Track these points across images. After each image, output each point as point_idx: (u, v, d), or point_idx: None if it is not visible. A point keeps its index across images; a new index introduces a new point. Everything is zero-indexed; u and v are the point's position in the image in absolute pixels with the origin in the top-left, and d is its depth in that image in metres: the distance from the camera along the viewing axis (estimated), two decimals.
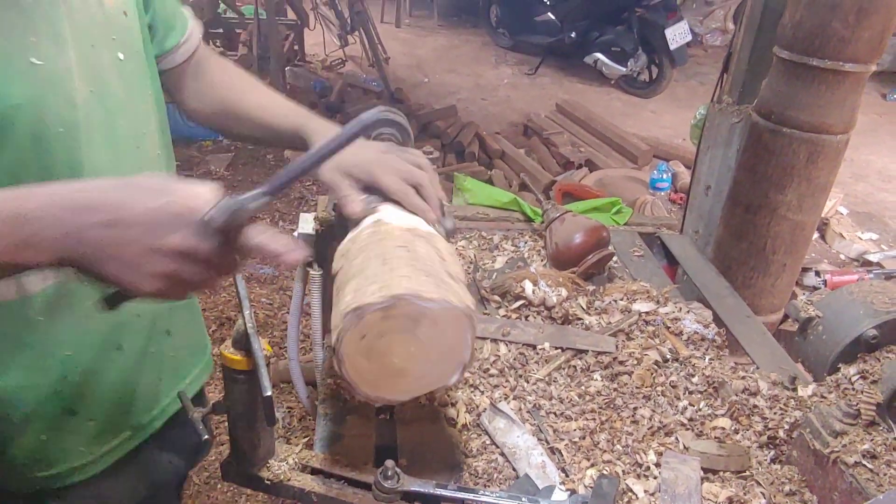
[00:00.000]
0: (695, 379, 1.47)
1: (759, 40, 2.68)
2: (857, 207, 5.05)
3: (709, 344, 1.59)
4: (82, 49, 0.94)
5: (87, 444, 1.12)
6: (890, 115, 7.34)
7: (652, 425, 1.34)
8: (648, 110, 7.19)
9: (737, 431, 1.33)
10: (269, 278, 3.89)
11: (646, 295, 1.72)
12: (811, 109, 2.21)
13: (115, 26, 1.00)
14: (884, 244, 4.43)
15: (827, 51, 2.12)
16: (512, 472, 1.23)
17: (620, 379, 1.46)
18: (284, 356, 3.12)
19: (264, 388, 0.94)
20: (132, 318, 1.11)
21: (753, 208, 2.41)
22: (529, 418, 1.35)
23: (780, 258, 2.47)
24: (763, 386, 1.42)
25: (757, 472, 1.22)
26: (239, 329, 1.05)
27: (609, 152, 5.67)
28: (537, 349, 1.54)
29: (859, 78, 2.19)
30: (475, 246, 2.02)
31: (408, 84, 7.18)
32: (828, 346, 1.29)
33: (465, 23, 10.19)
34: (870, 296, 1.27)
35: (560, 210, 1.94)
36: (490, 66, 8.41)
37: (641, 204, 4.55)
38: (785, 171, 2.31)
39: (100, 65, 0.97)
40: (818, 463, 1.13)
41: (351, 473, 1.16)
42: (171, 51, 1.19)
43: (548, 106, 6.77)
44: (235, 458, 1.17)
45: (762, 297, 2.54)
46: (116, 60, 1.00)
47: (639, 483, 1.20)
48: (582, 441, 1.29)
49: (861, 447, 1.07)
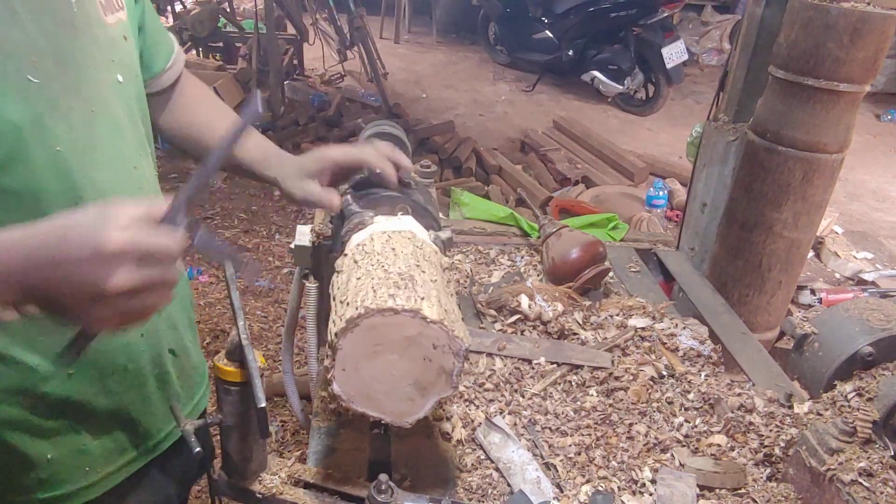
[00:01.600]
0: (690, 395, 1.46)
1: (755, 60, 2.70)
2: (853, 227, 5.07)
3: (704, 360, 1.59)
4: (84, 70, 0.94)
5: (93, 463, 1.10)
6: (884, 135, 7.40)
7: (647, 441, 1.33)
8: (645, 128, 7.23)
9: (732, 448, 1.33)
10: (264, 291, 3.88)
11: (642, 311, 1.72)
12: (806, 128, 2.23)
13: (116, 49, 1.01)
14: (878, 263, 4.44)
15: (822, 71, 2.14)
16: (507, 487, 1.22)
17: (616, 395, 1.45)
18: (279, 369, 3.11)
19: (258, 400, 0.93)
20: (136, 338, 1.10)
21: (749, 226, 2.42)
22: (525, 433, 1.35)
23: (776, 276, 2.47)
24: (759, 403, 1.42)
25: (753, 489, 1.22)
26: (233, 341, 1.04)
27: (605, 169, 5.69)
28: (533, 364, 1.53)
29: (854, 98, 2.21)
30: (472, 260, 2.01)
31: (406, 99, 7.22)
32: (824, 363, 1.29)
33: (463, 39, 10.27)
34: (865, 313, 1.27)
35: (556, 225, 1.94)
36: (488, 83, 8.45)
37: (637, 221, 4.56)
38: (780, 189, 2.32)
39: (100, 86, 0.97)
40: (814, 481, 1.13)
41: (344, 487, 1.15)
42: (157, 75, 1.21)
43: (545, 122, 6.80)
44: (227, 472, 1.16)
45: (758, 314, 2.55)
46: (116, 83, 1.01)
47: (634, 499, 1.19)
48: (577, 457, 1.29)
49: (857, 465, 1.07)
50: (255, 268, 0.74)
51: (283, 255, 4.24)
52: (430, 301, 0.94)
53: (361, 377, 0.95)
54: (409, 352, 0.94)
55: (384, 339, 0.93)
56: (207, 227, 0.71)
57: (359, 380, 0.95)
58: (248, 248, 4.28)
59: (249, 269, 0.84)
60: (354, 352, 0.93)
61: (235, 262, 0.79)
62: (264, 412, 0.93)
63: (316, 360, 1.63)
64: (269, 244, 4.37)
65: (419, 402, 0.99)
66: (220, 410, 1.09)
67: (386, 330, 0.92)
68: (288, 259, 4.09)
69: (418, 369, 0.96)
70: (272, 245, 4.36)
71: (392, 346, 0.94)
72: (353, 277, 1.01)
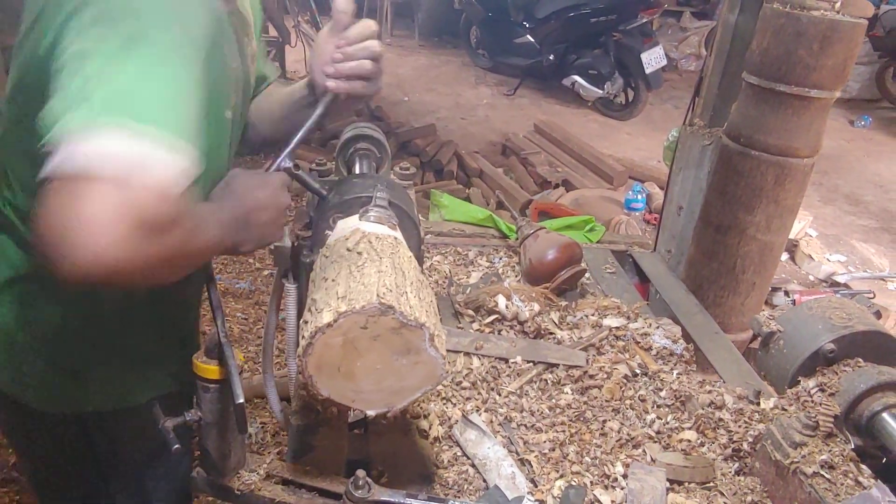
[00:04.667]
0: (663, 393, 1.50)
1: (729, 65, 2.75)
2: (826, 230, 5.16)
3: (677, 359, 1.62)
4: (242, 105, 1.14)
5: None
6: (857, 140, 7.53)
7: (620, 437, 1.36)
8: (624, 132, 7.30)
9: (702, 444, 1.36)
10: (245, 293, 3.86)
11: (616, 311, 1.75)
12: (778, 133, 2.28)
13: (250, 86, 1.21)
14: (851, 266, 4.53)
15: (793, 77, 2.19)
16: (482, 483, 1.25)
17: (590, 392, 1.48)
18: (259, 371, 3.10)
19: (236, 396, 0.95)
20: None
21: (724, 228, 2.46)
22: (500, 430, 1.37)
23: (750, 277, 2.52)
24: (728, 400, 1.45)
25: (721, 483, 1.25)
26: (212, 339, 1.06)
27: (585, 172, 5.74)
28: (509, 363, 1.56)
29: (824, 104, 2.27)
30: (450, 261, 2.04)
31: (387, 102, 7.22)
32: (788, 360, 1.33)
33: (445, 43, 10.29)
34: (828, 311, 1.31)
35: (534, 227, 1.98)
36: (469, 87, 8.49)
37: (616, 224, 4.61)
38: (754, 193, 2.37)
39: (240, 117, 1.16)
40: (779, 474, 1.16)
41: (322, 484, 1.17)
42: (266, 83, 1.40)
43: (526, 126, 6.84)
44: (205, 469, 1.17)
45: (732, 315, 2.59)
46: (243, 113, 1.20)
47: (606, 494, 1.22)
48: (551, 453, 1.31)
49: (819, 458, 1.10)
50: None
51: (264, 256, 4.22)
52: (409, 298, 0.96)
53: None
54: (388, 345, 0.96)
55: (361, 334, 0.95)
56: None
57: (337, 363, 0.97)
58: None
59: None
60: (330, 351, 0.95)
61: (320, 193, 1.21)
62: (242, 408, 0.95)
63: (295, 361, 1.64)
64: None
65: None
66: (198, 408, 1.10)
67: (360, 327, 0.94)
68: (269, 261, 4.08)
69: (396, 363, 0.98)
70: None
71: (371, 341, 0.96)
72: (328, 276, 1.03)
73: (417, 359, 0.97)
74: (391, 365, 0.97)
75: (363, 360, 0.97)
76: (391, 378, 0.99)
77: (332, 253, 1.09)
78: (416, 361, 0.98)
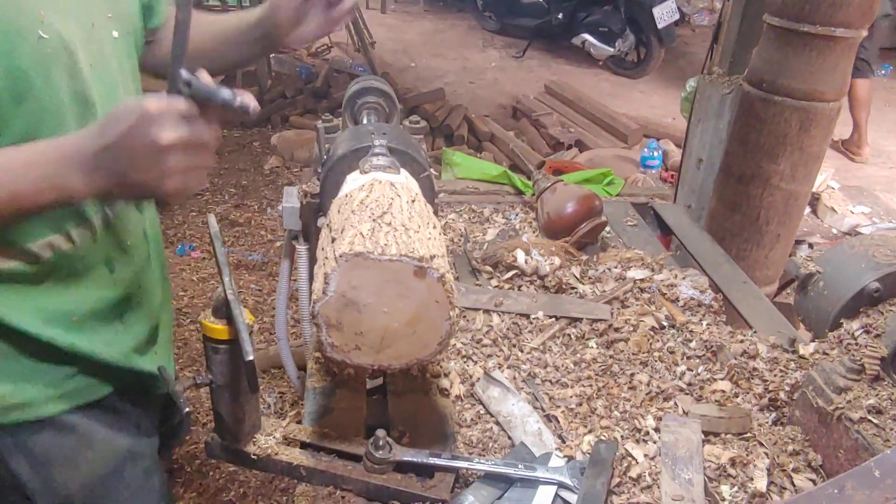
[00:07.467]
0: (692, 344, 1.43)
1: (749, 8, 2.64)
2: (849, 182, 5.04)
3: (706, 309, 1.56)
4: (84, 25, 0.98)
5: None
6: (878, 90, 7.32)
7: (650, 391, 1.30)
8: (637, 90, 7.15)
9: (737, 395, 1.30)
10: (258, 264, 3.83)
11: (640, 262, 1.68)
12: (803, 76, 2.18)
13: (113, 5, 1.05)
14: (875, 217, 4.41)
15: (818, 16, 2.08)
16: (507, 440, 1.20)
17: (616, 346, 1.42)
18: (274, 342, 3.07)
19: (246, 354, 0.90)
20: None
21: (746, 179, 2.38)
22: (524, 387, 1.32)
23: (774, 229, 2.44)
24: (762, 349, 1.39)
25: (759, 433, 1.19)
26: (219, 297, 1.00)
27: (599, 132, 5.63)
28: (531, 318, 1.50)
29: (851, 44, 2.16)
30: (465, 219, 1.97)
31: (395, 69, 7.10)
32: (829, 302, 1.25)
33: (450, 7, 10.09)
34: (871, 249, 1.24)
35: (551, 180, 1.90)
36: (477, 50, 8.33)
37: (632, 182, 4.51)
38: (777, 140, 2.28)
39: (99, 41, 1.01)
40: (822, 421, 1.10)
41: (341, 446, 1.12)
42: (157, 28, 1.23)
43: (536, 88, 6.71)
44: (220, 434, 1.13)
45: (756, 268, 2.52)
46: (111, 38, 1.05)
47: (638, 447, 1.16)
48: (579, 408, 1.26)
49: (866, 402, 1.04)
50: (247, 103, 0.84)
51: (276, 228, 4.19)
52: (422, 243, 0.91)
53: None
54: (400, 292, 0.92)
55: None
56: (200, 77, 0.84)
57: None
58: (240, 222, 4.22)
59: (242, 103, 0.83)
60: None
61: (230, 98, 0.84)
62: (253, 366, 0.89)
63: (309, 323, 1.59)
64: (261, 218, 4.31)
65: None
66: (209, 371, 1.05)
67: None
68: (281, 233, 4.04)
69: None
70: (264, 219, 4.30)
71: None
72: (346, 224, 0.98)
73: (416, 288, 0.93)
74: (396, 306, 0.94)
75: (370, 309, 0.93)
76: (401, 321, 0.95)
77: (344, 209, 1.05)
78: (413, 293, 0.93)
